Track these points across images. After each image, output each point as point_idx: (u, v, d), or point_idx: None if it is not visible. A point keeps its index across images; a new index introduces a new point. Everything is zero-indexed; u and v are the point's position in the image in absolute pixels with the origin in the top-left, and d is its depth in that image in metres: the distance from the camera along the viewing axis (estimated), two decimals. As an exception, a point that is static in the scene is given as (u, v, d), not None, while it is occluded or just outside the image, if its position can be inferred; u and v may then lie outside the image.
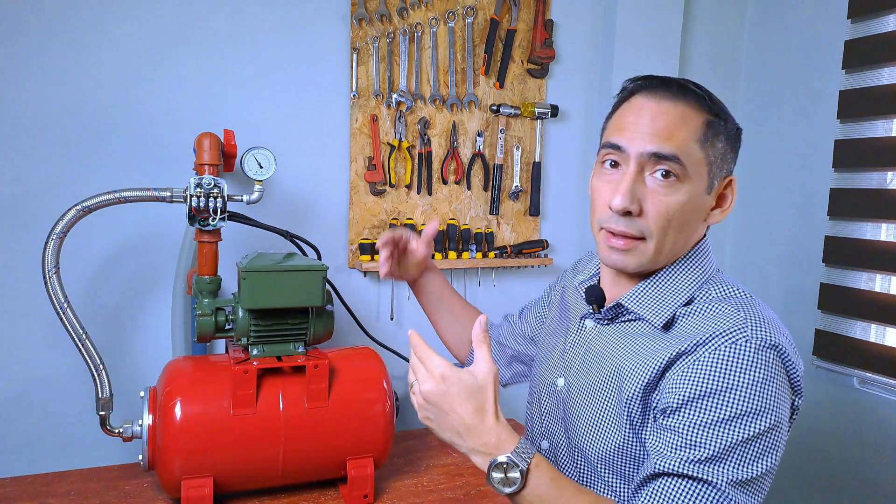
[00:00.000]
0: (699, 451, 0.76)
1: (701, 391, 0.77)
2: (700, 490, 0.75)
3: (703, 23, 2.13)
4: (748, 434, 0.76)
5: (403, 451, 1.52)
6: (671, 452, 0.77)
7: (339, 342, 1.62)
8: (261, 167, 1.31)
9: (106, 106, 1.47)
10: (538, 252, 1.90)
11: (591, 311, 0.97)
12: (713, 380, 0.77)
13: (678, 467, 0.76)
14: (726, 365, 0.77)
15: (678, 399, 0.79)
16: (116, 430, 1.23)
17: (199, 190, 1.22)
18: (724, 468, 0.75)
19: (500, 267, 1.89)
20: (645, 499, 0.78)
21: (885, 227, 1.79)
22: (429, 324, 1.83)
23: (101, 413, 1.24)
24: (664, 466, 0.77)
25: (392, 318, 1.80)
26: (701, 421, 0.77)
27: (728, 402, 0.76)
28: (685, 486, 0.76)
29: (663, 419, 0.80)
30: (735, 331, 0.78)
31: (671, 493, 0.76)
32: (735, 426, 0.76)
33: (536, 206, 1.92)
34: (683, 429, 0.77)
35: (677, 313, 0.86)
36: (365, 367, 1.34)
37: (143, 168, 1.51)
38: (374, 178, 1.71)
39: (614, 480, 0.88)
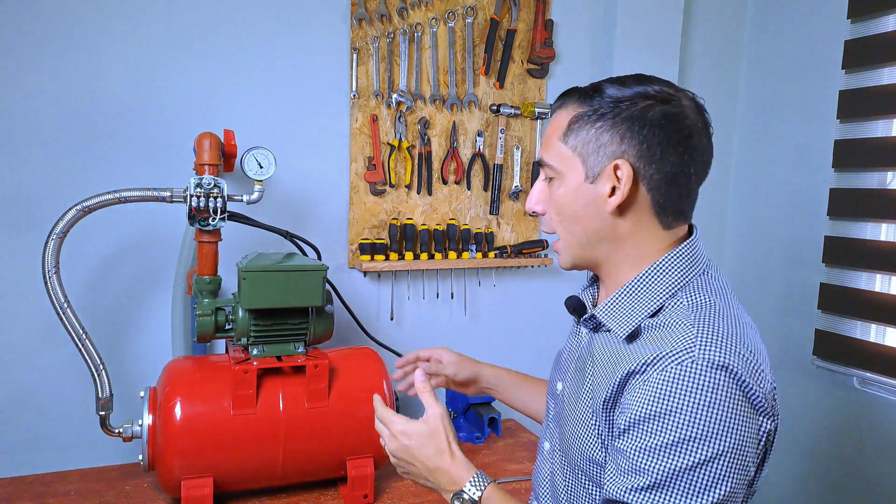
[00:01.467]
0: (642, 477, 0.75)
1: (646, 413, 0.75)
2: None
3: (703, 23, 2.13)
4: (692, 461, 0.72)
5: (403, 451, 1.52)
6: (618, 477, 0.78)
7: (339, 342, 1.62)
8: (261, 167, 1.31)
9: (106, 106, 1.47)
10: (538, 252, 1.90)
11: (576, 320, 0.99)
12: (658, 402, 0.74)
13: (623, 495, 0.76)
14: (670, 387, 0.74)
15: (626, 420, 0.77)
16: (116, 430, 1.24)
17: (199, 190, 1.22)
18: (666, 497, 0.74)
19: (500, 267, 1.89)
20: None
21: (885, 227, 1.79)
22: (427, 325, 1.84)
23: (101, 413, 1.24)
24: (613, 493, 0.78)
25: (392, 318, 1.80)
26: (645, 445, 0.75)
27: (671, 426, 0.73)
28: None
29: (616, 440, 0.80)
30: (682, 351, 0.75)
31: None
32: (677, 452, 0.73)
33: (536, 206, 1.92)
34: (630, 452, 0.77)
35: (643, 325, 0.83)
36: (365, 367, 1.34)
37: (143, 168, 1.51)
38: (375, 178, 1.71)
39: (592, 488, 0.88)
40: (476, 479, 0.88)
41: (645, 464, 0.75)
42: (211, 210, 1.24)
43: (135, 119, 1.49)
